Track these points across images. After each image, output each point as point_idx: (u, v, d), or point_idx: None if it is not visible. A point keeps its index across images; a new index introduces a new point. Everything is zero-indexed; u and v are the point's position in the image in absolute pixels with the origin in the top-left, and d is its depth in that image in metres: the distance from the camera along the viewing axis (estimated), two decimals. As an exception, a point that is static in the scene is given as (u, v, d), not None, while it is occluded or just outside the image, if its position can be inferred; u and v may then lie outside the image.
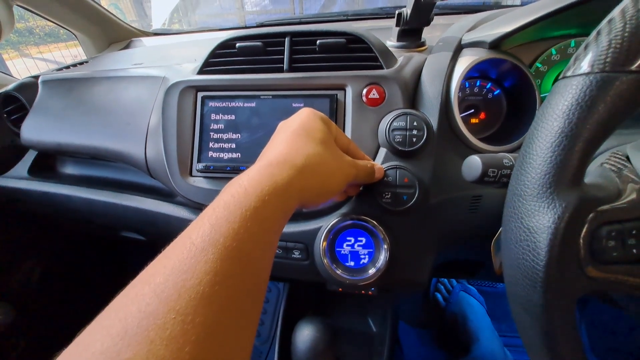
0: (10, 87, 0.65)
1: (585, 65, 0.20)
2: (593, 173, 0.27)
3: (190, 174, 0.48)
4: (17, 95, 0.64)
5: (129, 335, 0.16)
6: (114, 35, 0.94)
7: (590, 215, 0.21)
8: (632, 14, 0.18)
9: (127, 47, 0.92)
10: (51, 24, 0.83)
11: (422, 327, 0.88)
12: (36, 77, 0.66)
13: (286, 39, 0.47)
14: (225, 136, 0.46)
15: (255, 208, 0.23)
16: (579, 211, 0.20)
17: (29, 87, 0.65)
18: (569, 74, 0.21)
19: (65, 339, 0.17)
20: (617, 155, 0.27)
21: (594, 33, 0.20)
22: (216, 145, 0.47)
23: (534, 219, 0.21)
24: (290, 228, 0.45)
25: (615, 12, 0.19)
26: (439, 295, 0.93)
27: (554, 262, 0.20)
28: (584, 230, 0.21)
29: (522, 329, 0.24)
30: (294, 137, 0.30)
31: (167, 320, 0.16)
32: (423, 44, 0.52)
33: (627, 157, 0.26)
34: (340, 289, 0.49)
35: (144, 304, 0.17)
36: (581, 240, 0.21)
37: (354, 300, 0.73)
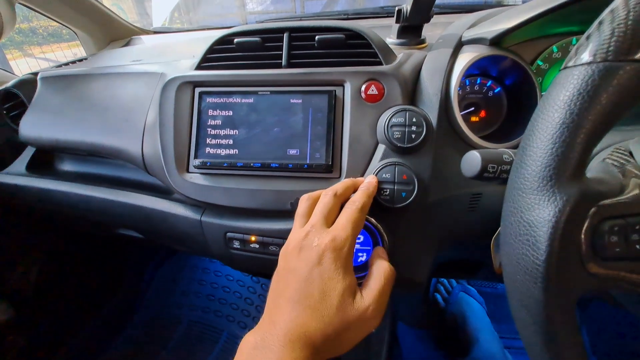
0: (9, 83, 0.65)
1: (587, 55, 0.19)
2: (595, 168, 0.26)
3: (187, 170, 0.47)
4: (17, 91, 0.64)
5: None
6: (114, 33, 0.94)
7: (592, 209, 0.20)
8: (636, 2, 0.18)
9: (126, 44, 0.92)
10: (54, 24, 0.83)
11: (421, 327, 0.87)
12: (35, 73, 0.66)
13: (285, 35, 0.46)
14: (222, 132, 0.46)
15: None
16: (580, 205, 0.20)
17: (28, 84, 0.65)
18: (570, 64, 0.20)
19: (63, 337, 0.16)
20: (620, 151, 0.26)
21: (595, 23, 0.19)
22: (213, 142, 0.46)
23: (534, 213, 0.20)
24: (289, 225, 0.44)
25: (618, 1, 0.19)
26: (438, 296, 0.92)
27: (555, 257, 0.19)
28: (586, 224, 0.20)
29: (521, 326, 0.23)
30: (305, 304, 0.28)
31: None
32: (423, 42, 0.52)
33: (630, 153, 0.26)
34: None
35: None
36: (582, 236, 0.20)
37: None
